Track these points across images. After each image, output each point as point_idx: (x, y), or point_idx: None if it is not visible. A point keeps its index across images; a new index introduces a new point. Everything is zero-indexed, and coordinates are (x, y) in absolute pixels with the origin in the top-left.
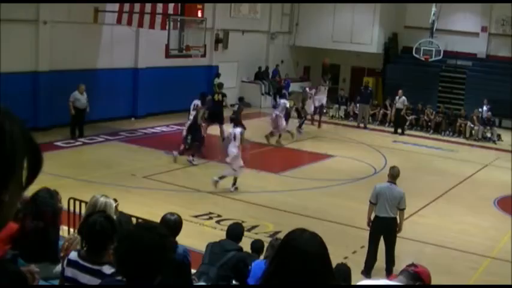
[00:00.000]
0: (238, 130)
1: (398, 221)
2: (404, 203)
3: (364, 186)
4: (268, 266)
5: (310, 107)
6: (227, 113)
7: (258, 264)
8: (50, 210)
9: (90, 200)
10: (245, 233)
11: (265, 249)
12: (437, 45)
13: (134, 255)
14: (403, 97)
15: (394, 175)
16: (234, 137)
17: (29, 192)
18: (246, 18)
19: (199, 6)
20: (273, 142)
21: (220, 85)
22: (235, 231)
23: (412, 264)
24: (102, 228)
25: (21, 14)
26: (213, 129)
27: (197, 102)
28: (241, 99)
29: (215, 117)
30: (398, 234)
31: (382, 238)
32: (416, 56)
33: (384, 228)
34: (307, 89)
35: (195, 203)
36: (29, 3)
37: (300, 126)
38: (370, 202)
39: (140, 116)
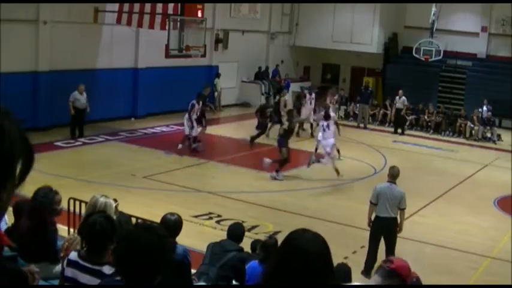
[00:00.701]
0: (331, 122)
1: (398, 221)
2: (404, 203)
3: (364, 186)
4: (269, 265)
5: (305, 113)
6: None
7: (252, 265)
8: (47, 209)
9: (90, 200)
10: (245, 233)
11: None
12: (437, 45)
13: (133, 255)
14: (403, 97)
15: (394, 175)
16: (328, 127)
17: (29, 192)
18: (246, 18)
19: (199, 6)
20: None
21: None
22: (236, 232)
23: (388, 260)
24: (102, 229)
25: (21, 14)
26: (211, 130)
27: (194, 102)
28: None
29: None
30: (398, 234)
31: (382, 238)
32: (416, 56)
33: (385, 228)
34: (307, 92)
35: (195, 203)
36: (29, 3)
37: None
38: (371, 202)
39: (140, 116)
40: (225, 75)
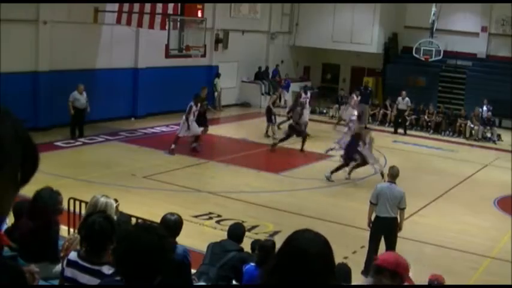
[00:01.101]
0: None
1: (398, 221)
2: (404, 203)
3: (364, 186)
4: (269, 265)
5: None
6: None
7: (249, 269)
8: (51, 210)
9: (90, 200)
10: (245, 233)
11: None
12: (437, 45)
13: (132, 255)
14: (407, 98)
15: (393, 175)
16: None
17: (29, 192)
18: (246, 18)
19: (199, 6)
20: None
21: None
22: (236, 232)
23: (375, 258)
24: (101, 229)
25: (21, 14)
26: (211, 130)
27: (192, 103)
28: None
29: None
30: (398, 234)
31: (382, 238)
32: (416, 56)
33: (386, 228)
34: (302, 92)
35: (195, 203)
36: (29, 3)
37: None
38: (371, 202)
39: (140, 116)
40: (225, 75)
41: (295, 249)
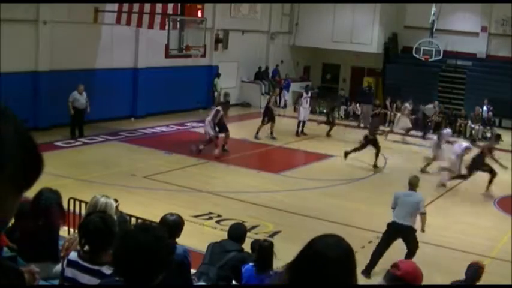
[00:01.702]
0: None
1: (416, 227)
2: (423, 207)
3: (364, 186)
4: (286, 266)
5: (299, 113)
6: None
7: (247, 269)
8: (56, 208)
9: (90, 200)
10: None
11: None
12: (437, 45)
13: (128, 255)
14: (437, 108)
15: (411, 183)
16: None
17: (30, 192)
18: (246, 18)
19: (199, 6)
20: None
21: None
22: (237, 232)
23: (396, 266)
24: (96, 228)
25: (21, 14)
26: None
27: (219, 108)
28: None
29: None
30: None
31: (392, 244)
32: (416, 56)
33: (400, 234)
34: (303, 91)
35: (195, 203)
36: (29, 3)
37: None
38: (392, 208)
39: (140, 116)
40: (225, 75)
41: (312, 252)
